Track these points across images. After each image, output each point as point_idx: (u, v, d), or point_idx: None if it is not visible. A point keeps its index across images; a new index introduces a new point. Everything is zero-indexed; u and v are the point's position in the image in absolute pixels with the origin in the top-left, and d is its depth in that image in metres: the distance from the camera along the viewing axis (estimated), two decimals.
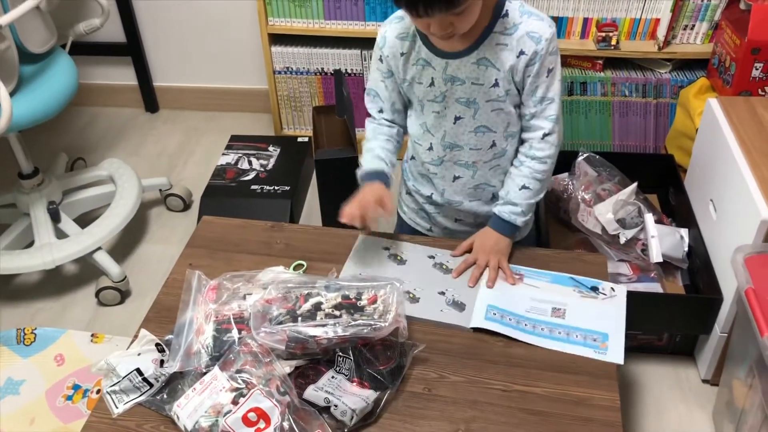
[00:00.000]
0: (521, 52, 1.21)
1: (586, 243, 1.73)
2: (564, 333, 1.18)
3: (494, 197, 1.39)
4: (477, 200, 1.40)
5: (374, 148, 1.36)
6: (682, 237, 1.69)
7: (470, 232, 1.39)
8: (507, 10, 1.20)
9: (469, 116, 1.29)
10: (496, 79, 1.24)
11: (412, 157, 1.43)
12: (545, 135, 1.28)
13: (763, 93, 1.76)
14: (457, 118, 1.29)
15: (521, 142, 1.33)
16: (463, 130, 1.30)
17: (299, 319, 1.09)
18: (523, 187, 1.31)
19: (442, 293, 1.26)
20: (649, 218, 1.66)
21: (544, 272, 1.30)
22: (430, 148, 1.35)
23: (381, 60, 1.31)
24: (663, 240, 1.64)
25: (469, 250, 1.34)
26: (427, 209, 1.47)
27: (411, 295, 1.26)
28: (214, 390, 1.04)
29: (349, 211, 1.26)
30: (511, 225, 1.32)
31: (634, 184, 1.71)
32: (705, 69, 2.02)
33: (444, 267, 1.32)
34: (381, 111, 1.37)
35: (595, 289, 1.26)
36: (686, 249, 1.68)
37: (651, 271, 1.65)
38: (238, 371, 1.05)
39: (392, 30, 1.28)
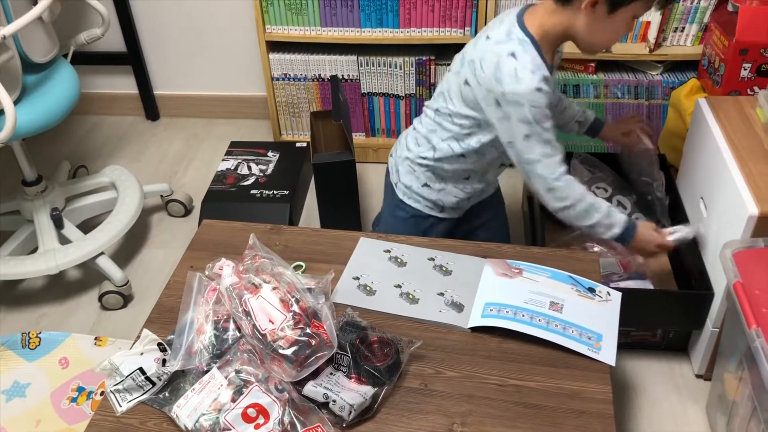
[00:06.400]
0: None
1: (580, 240, 1.75)
2: (561, 327, 1.20)
3: None
4: None
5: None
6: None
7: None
8: None
9: None
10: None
11: (472, 172, 1.56)
12: None
13: (752, 92, 1.79)
14: None
15: None
16: None
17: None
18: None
19: (441, 294, 1.28)
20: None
21: (545, 268, 1.32)
22: None
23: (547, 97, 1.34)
24: None
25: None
26: (467, 200, 1.62)
27: (411, 297, 1.28)
28: (213, 389, 1.06)
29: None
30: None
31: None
32: (695, 70, 2.05)
33: (444, 269, 1.34)
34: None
35: (592, 290, 1.28)
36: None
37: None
38: (237, 371, 1.07)
39: (535, 66, 1.31)
